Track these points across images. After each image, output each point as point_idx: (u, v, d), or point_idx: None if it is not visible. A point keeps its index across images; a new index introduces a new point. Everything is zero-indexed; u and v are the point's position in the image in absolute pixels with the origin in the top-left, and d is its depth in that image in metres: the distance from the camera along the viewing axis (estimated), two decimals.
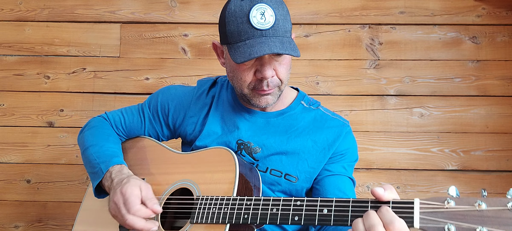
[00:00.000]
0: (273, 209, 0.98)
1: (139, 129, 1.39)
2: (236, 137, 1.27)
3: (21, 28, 2.14)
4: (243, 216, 1.00)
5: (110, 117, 1.40)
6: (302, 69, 2.08)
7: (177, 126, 1.36)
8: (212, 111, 1.31)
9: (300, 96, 1.34)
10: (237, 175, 1.08)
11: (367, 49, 2.08)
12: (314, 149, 1.25)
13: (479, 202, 0.80)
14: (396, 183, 2.01)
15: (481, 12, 2.07)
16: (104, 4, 2.14)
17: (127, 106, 1.44)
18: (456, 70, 2.05)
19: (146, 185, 1.13)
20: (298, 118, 1.29)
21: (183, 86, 1.41)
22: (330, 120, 1.30)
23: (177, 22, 2.13)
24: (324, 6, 2.11)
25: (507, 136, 2.00)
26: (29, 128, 2.09)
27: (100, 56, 2.12)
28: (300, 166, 1.24)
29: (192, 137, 1.32)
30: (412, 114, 2.04)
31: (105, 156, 1.24)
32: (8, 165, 2.08)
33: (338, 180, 1.25)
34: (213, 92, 1.35)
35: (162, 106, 1.37)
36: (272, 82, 1.16)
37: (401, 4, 2.09)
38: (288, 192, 1.25)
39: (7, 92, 2.11)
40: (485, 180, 1.99)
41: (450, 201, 0.81)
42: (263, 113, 1.28)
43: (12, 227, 2.06)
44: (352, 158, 1.30)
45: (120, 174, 1.17)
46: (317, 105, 1.34)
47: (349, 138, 1.29)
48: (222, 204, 1.04)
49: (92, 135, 1.33)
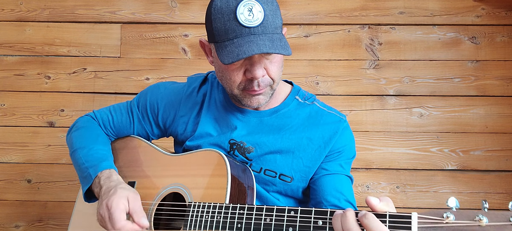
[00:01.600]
0: (266, 219, 0.94)
1: (128, 128, 1.35)
2: (229, 136, 1.23)
3: (22, 28, 2.15)
4: (237, 226, 0.97)
5: (98, 116, 1.36)
6: (302, 69, 2.08)
7: (168, 125, 1.32)
8: (204, 112, 1.27)
9: (295, 91, 1.28)
10: (229, 180, 1.06)
11: (367, 50, 2.09)
12: (310, 147, 1.20)
13: (480, 217, 0.74)
14: (396, 183, 2.01)
15: (481, 12, 2.08)
16: (104, 4, 2.15)
17: (116, 104, 1.40)
18: (456, 70, 2.05)
19: (134, 195, 1.09)
20: (292, 115, 1.24)
21: (172, 84, 1.36)
22: (326, 115, 1.24)
23: (177, 23, 2.14)
24: (324, 7, 2.12)
25: (507, 136, 2.01)
26: (30, 127, 2.10)
27: (100, 56, 2.13)
28: (295, 165, 1.20)
29: (183, 137, 1.28)
30: (411, 114, 2.04)
31: (94, 159, 1.20)
32: (8, 165, 2.08)
33: (335, 179, 1.20)
34: (204, 90, 1.30)
35: (151, 106, 1.32)
36: (263, 81, 1.11)
37: (400, 5, 2.10)
38: (283, 192, 1.22)
39: (7, 92, 2.12)
40: (484, 180, 1.99)
41: (450, 214, 0.76)
42: (256, 113, 1.24)
43: (12, 226, 2.06)
44: (349, 155, 1.25)
45: (109, 181, 1.13)
46: (313, 100, 1.28)
47: (346, 134, 1.24)
48: (214, 211, 1.02)
49: (80, 136, 1.29)
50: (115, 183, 1.12)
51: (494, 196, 1.98)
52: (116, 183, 1.13)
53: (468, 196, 1.98)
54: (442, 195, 1.99)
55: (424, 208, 1.99)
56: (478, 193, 1.98)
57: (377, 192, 2.01)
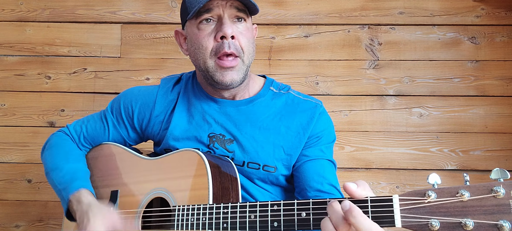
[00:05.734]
0: (251, 215, 0.93)
1: (102, 135, 1.35)
2: (207, 130, 1.23)
3: (22, 28, 2.15)
4: (222, 225, 0.97)
5: (71, 130, 1.36)
6: (302, 69, 2.09)
7: (144, 127, 1.32)
8: (179, 108, 1.27)
9: (268, 82, 1.30)
10: (210, 179, 1.06)
11: (367, 50, 2.09)
12: (289, 135, 1.21)
13: (461, 192, 0.72)
14: (396, 183, 2.01)
15: (480, 12, 2.08)
16: (104, 4, 2.15)
17: (89, 115, 1.40)
18: (455, 70, 2.05)
19: (108, 215, 1.09)
20: (269, 104, 1.25)
21: (146, 86, 1.37)
22: (302, 102, 1.25)
23: (177, 23, 2.14)
24: (324, 7, 2.12)
25: (506, 136, 2.01)
26: (30, 127, 2.10)
27: (101, 56, 2.13)
28: (276, 154, 1.21)
29: (160, 137, 1.28)
30: (411, 114, 2.05)
31: (65, 182, 1.20)
32: (9, 165, 2.09)
33: (316, 164, 1.21)
34: (178, 88, 1.31)
35: (126, 109, 1.32)
36: (233, 45, 1.13)
37: (400, 5, 2.10)
38: (267, 181, 1.23)
39: (8, 92, 2.12)
40: (484, 180, 1.99)
41: (431, 193, 0.74)
42: (231, 102, 1.24)
43: (13, 226, 2.06)
44: (329, 139, 1.25)
45: (80, 206, 1.13)
46: (287, 89, 1.29)
47: (323, 119, 1.25)
48: (199, 213, 1.01)
49: (51, 156, 1.30)
50: (85, 207, 1.12)
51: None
52: (86, 207, 1.12)
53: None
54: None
55: None
56: None
57: (377, 192, 2.01)
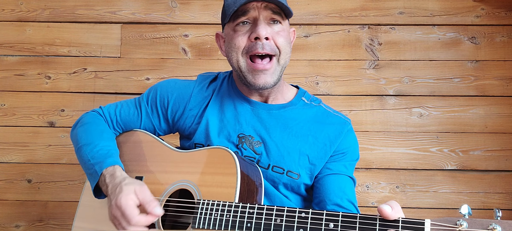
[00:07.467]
0: (277, 219, 0.95)
1: (136, 121, 1.36)
2: (238, 130, 1.25)
3: (22, 28, 2.15)
4: (246, 225, 0.98)
5: (105, 111, 1.37)
6: (302, 69, 2.09)
7: (176, 119, 1.33)
8: (212, 105, 1.29)
9: (301, 93, 1.34)
10: (238, 179, 1.06)
11: (367, 50, 2.09)
12: (315, 145, 1.23)
13: (493, 226, 0.74)
14: (395, 183, 2.02)
15: (480, 12, 2.08)
16: (104, 4, 2.15)
17: (123, 100, 1.41)
18: (455, 70, 2.06)
19: (140, 187, 1.09)
20: (299, 112, 1.28)
21: (182, 80, 1.39)
22: (331, 116, 1.29)
23: (177, 23, 2.14)
24: (324, 7, 2.12)
25: (506, 136, 2.01)
26: (30, 127, 2.10)
27: (101, 56, 2.13)
28: (301, 162, 1.23)
29: (191, 130, 1.30)
30: (411, 114, 2.05)
31: (99, 156, 1.21)
32: (9, 165, 2.09)
33: (338, 179, 1.23)
34: (213, 86, 1.33)
35: (161, 99, 1.34)
36: (268, 46, 1.14)
37: (400, 5, 2.10)
38: (290, 188, 1.24)
39: (8, 92, 2.12)
40: (484, 179, 2.00)
41: (463, 222, 0.76)
42: (264, 105, 1.27)
43: (13, 226, 2.06)
44: (353, 157, 1.29)
45: (113, 179, 1.14)
46: (318, 102, 1.33)
47: (350, 137, 1.28)
48: (224, 210, 1.02)
49: (85, 132, 1.30)
50: (119, 180, 1.13)
51: (493, 196, 1.98)
52: (120, 179, 1.13)
53: (467, 196, 1.98)
54: (442, 195, 1.99)
55: (423, 208, 1.99)
56: (478, 193, 1.99)
57: (376, 192, 2.01)
